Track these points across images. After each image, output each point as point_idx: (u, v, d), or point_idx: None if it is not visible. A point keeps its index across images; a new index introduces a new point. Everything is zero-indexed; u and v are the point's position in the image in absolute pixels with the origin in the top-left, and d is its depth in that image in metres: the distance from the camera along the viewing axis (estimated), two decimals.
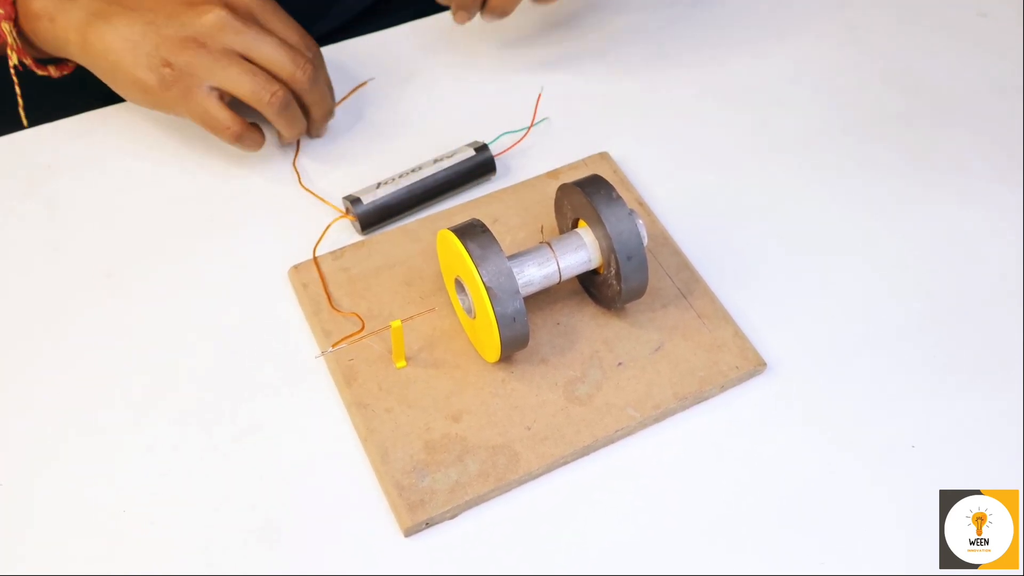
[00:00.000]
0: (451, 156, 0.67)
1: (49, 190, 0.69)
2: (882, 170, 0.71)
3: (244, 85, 0.62)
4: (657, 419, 0.58)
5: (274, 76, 0.64)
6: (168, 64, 0.62)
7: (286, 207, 0.67)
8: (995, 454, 0.58)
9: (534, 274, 0.58)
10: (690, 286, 0.63)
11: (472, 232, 0.56)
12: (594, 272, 0.60)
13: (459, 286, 0.58)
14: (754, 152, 0.73)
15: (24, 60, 0.66)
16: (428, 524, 0.54)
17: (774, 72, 0.78)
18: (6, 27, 0.64)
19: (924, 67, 0.78)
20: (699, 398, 0.59)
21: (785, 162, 0.72)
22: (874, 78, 0.78)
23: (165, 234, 0.66)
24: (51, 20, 0.64)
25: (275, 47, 0.63)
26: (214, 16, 0.62)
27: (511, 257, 0.57)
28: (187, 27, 0.62)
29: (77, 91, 0.71)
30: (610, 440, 0.57)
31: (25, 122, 0.70)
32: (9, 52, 0.66)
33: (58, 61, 0.68)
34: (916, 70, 0.78)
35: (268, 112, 0.64)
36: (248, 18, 0.64)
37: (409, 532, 0.54)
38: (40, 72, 0.68)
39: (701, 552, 0.54)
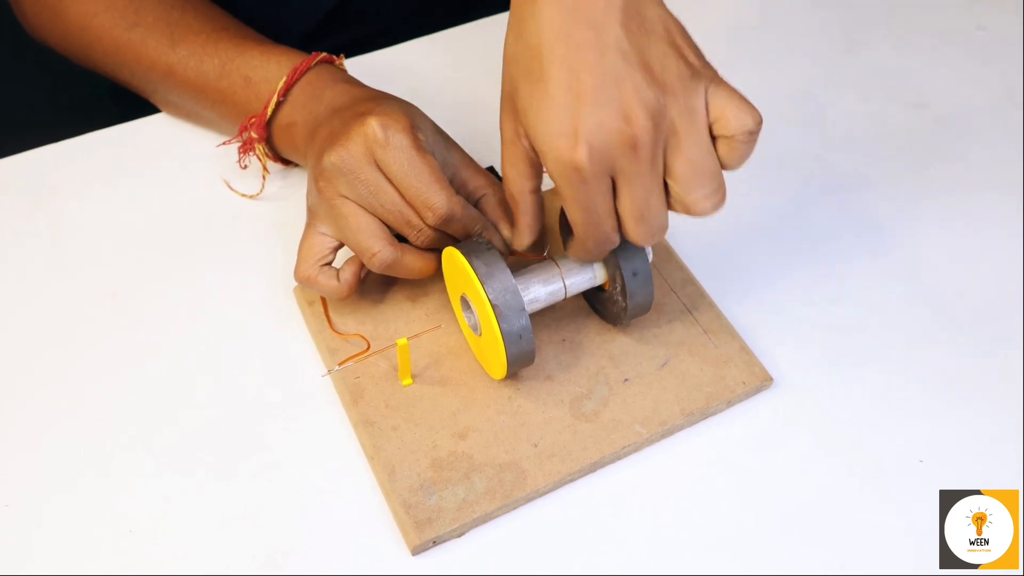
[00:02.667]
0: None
1: (54, 210, 0.69)
2: (885, 184, 0.72)
3: (347, 240, 0.59)
4: (664, 435, 0.58)
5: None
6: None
7: (291, 225, 0.67)
8: (995, 454, 0.58)
9: (540, 291, 0.58)
10: (695, 301, 0.63)
11: (477, 250, 0.56)
12: (599, 288, 0.60)
13: (465, 304, 0.58)
14: (757, 167, 0.72)
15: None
16: (436, 542, 0.54)
17: (776, 87, 0.78)
18: (260, 149, 0.67)
19: (925, 80, 0.78)
20: (706, 414, 0.59)
21: (788, 177, 0.72)
22: (876, 92, 0.78)
23: (170, 254, 0.66)
24: (296, 151, 0.66)
25: (389, 207, 0.57)
26: (330, 160, 0.57)
27: (516, 274, 0.57)
28: (315, 167, 0.59)
29: (82, 112, 0.71)
30: (617, 457, 0.57)
31: None
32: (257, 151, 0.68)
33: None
34: (917, 84, 0.78)
35: (371, 269, 0.59)
36: (379, 156, 0.57)
37: (417, 551, 0.54)
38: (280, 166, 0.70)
39: (710, 567, 0.54)
